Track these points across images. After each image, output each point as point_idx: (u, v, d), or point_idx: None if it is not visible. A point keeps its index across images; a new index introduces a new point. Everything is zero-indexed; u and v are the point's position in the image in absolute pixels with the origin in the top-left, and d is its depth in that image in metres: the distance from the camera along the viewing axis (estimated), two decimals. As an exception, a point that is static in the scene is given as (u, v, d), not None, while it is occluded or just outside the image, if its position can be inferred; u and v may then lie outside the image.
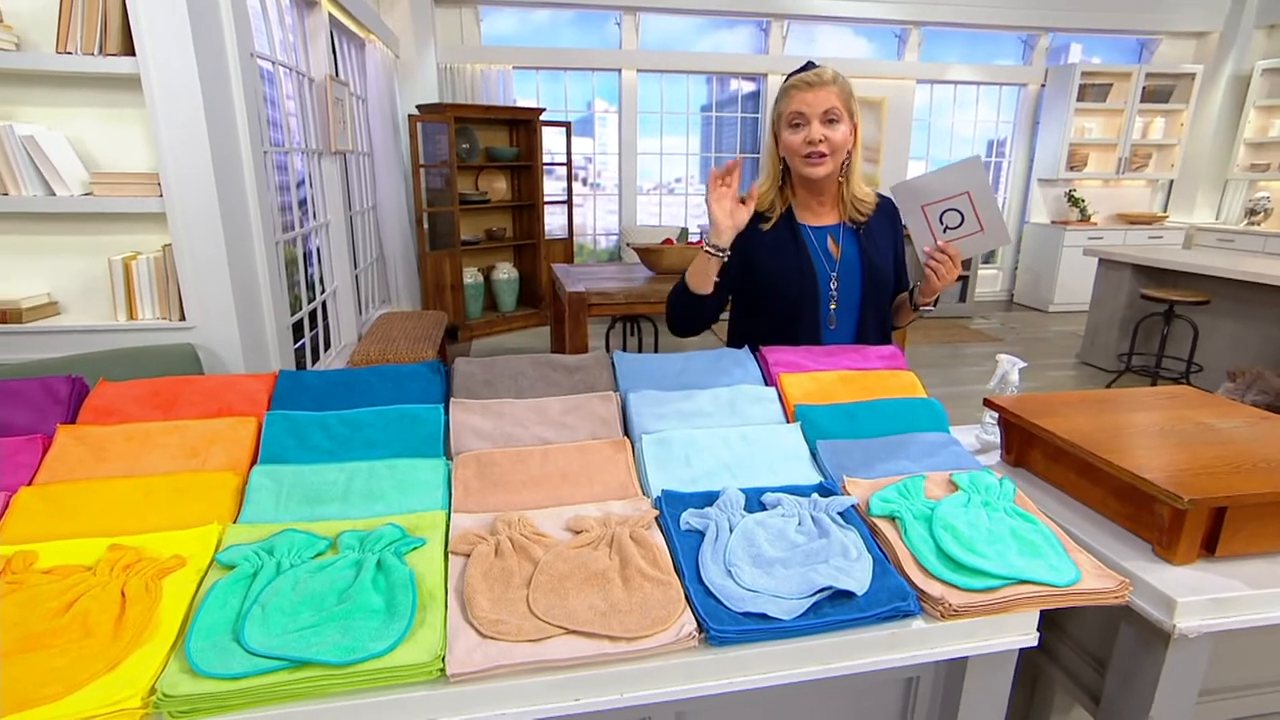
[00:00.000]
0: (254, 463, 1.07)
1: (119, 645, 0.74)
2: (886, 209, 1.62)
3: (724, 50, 6.61)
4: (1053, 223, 6.96)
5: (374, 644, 0.75)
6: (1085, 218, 6.95)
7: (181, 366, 2.15)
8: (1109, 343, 4.87)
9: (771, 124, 1.56)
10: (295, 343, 3.25)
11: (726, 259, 1.45)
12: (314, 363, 3.56)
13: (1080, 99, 6.60)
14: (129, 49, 2.06)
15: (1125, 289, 4.75)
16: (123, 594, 0.79)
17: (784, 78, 1.53)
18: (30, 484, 0.99)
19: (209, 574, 0.85)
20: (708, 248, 1.44)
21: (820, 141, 1.46)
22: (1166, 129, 7.00)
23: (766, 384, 1.35)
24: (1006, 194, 7.33)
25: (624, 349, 4.56)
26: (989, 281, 7.47)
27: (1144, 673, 0.97)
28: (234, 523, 0.96)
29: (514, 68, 6.07)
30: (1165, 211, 7.21)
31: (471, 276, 5.75)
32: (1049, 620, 1.21)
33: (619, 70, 6.29)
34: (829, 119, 1.46)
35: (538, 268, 6.05)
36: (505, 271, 6.03)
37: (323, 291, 3.76)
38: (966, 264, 6.63)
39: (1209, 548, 0.98)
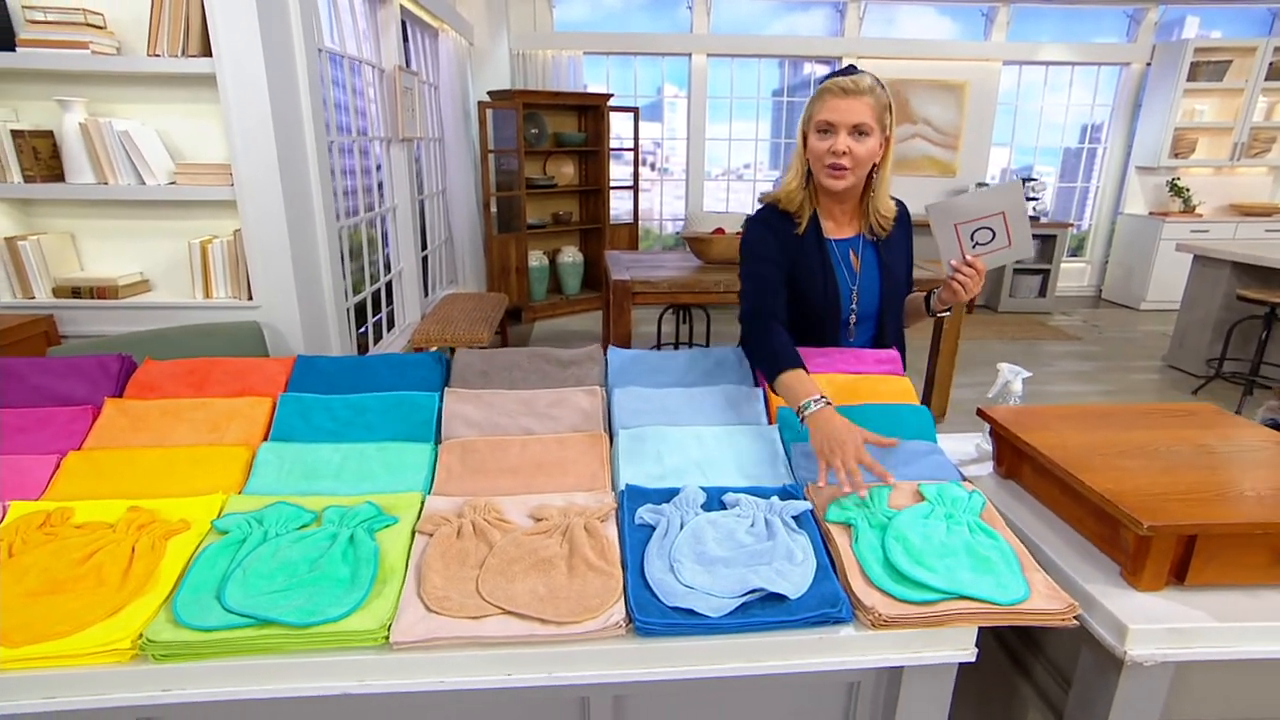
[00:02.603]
0: (266, 439, 1.19)
1: (122, 594, 0.86)
2: (902, 215, 1.58)
3: (797, 33, 6.45)
4: (1150, 214, 6.45)
5: (331, 609, 0.84)
6: (1189, 208, 6.41)
7: (248, 343, 2.35)
8: (1199, 346, 4.51)
9: (801, 123, 1.49)
10: (360, 325, 3.47)
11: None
12: (376, 343, 3.78)
13: (1191, 78, 6.05)
14: (207, 50, 2.25)
15: (1222, 288, 4.38)
16: (133, 550, 0.92)
17: (822, 79, 1.44)
18: (80, 449, 1.14)
19: (207, 537, 0.97)
20: (816, 405, 1.17)
21: (844, 154, 1.38)
22: (1296, 110, 6.34)
23: (757, 385, 1.37)
24: (1100, 183, 6.84)
25: (675, 337, 4.60)
26: (1074, 275, 6.98)
27: (1099, 698, 0.95)
28: (240, 493, 1.08)
29: (585, 54, 6.14)
30: (1290, 202, 6.56)
31: (536, 259, 5.91)
32: (1025, 637, 1.19)
33: (689, 55, 6.25)
34: (858, 132, 1.39)
35: (602, 252, 6.13)
36: (570, 255, 6.16)
37: (388, 273, 3.97)
38: (1049, 258, 6.27)
39: (1180, 575, 0.95)
